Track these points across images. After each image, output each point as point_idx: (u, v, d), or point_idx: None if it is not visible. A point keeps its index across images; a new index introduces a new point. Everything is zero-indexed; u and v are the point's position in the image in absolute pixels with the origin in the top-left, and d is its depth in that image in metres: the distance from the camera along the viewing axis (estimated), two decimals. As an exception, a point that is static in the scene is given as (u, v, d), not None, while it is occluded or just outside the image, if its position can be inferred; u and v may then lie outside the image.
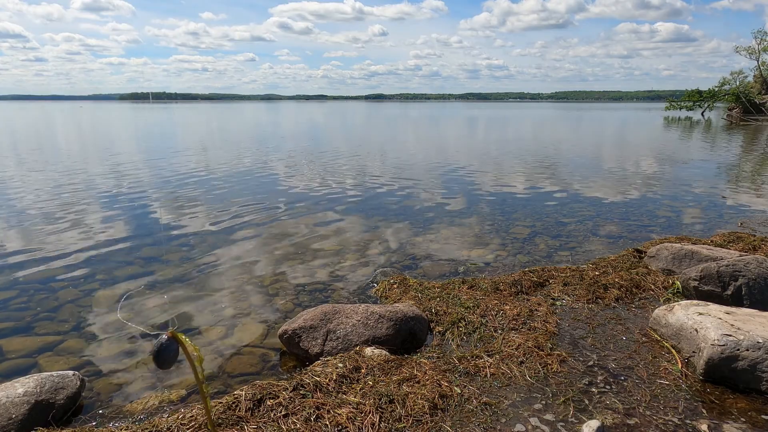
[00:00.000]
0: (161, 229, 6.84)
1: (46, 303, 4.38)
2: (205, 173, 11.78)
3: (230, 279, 4.98)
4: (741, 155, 16.67)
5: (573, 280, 4.48)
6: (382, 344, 3.33)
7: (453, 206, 8.34)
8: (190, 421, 2.44)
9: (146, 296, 4.54)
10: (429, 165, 13.63)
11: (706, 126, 33.90)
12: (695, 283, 4.01)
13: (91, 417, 2.81)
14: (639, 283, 4.42)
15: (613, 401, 2.71)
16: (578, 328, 3.61)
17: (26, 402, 2.65)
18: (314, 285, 4.83)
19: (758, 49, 46.87)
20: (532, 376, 2.95)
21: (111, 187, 9.85)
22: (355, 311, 3.55)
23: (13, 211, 7.77)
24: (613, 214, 7.80)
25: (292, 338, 3.43)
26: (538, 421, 2.55)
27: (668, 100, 56.75)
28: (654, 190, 9.82)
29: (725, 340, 2.87)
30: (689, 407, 2.67)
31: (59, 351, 3.58)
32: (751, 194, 9.49)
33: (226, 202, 8.60)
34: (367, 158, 15.24)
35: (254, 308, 4.30)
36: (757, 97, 44.30)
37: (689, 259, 4.62)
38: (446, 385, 2.82)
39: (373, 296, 4.50)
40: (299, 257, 5.65)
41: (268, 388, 2.70)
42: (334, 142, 21.86)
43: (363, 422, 2.46)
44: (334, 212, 7.91)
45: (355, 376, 2.91)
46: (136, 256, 5.65)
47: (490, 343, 3.36)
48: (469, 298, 4.06)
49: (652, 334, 3.49)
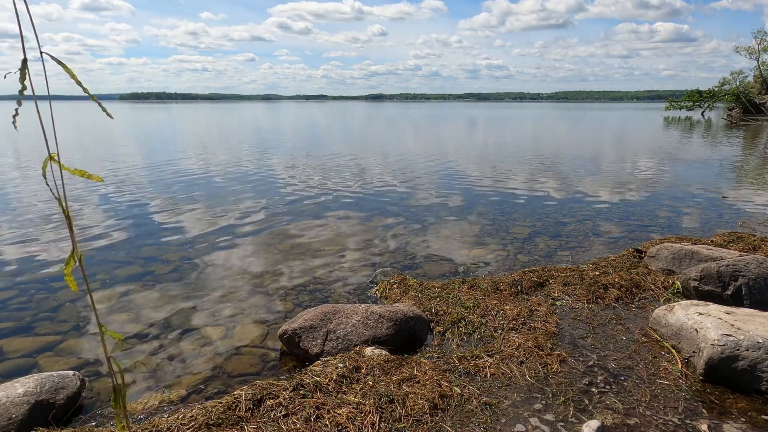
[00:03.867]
0: (161, 228, 6.84)
1: (46, 303, 4.38)
2: (205, 173, 11.78)
3: (230, 279, 4.98)
4: (741, 155, 16.67)
5: (573, 280, 4.48)
6: (382, 344, 3.33)
7: (453, 206, 8.34)
8: (190, 421, 2.44)
9: (146, 296, 4.54)
10: (429, 165, 13.63)
11: (706, 126, 33.90)
12: (695, 283, 4.01)
13: (91, 417, 2.81)
14: (639, 283, 4.42)
15: (613, 401, 2.71)
16: (578, 328, 3.61)
17: (26, 402, 2.65)
18: (314, 285, 4.83)
19: (758, 49, 46.91)
20: (532, 376, 2.95)
21: (111, 187, 9.85)
22: (355, 311, 3.55)
23: (14, 211, 7.77)
24: (613, 214, 7.80)
25: (292, 338, 3.43)
26: (538, 421, 2.55)
27: (668, 100, 56.73)
28: (654, 190, 9.82)
29: (725, 340, 2.87)
30: (689, 407, 2.67)
31: (59, 351, 3.58)
32: (752, 194, 9.49)
33: (226, 201, 8.61)
34: (367, 158, 15.24)
35: (254, 308, 4.30)
36: (757, 97, 44.29)
37: (689, 259, 4.62)
38: (446, 385, 2.82)
39: (373, 296, 4.50)
40: (299, 257, 5.65)
41: (268, 388, 2.70)
42: (335, 142, 21.86)
43: (363, 422, 2.46)
44: (334, 212, 7.91)
45: (355, 376, 2.91)
46: (135, 256, 5.65)
47: (490, 343, 3.36)
48: (469, 298, 4.06)
49: (652, 334, 3.49)
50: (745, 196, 9.33)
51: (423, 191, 9.71)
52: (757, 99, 43.99)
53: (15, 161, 14.03)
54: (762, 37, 46.63)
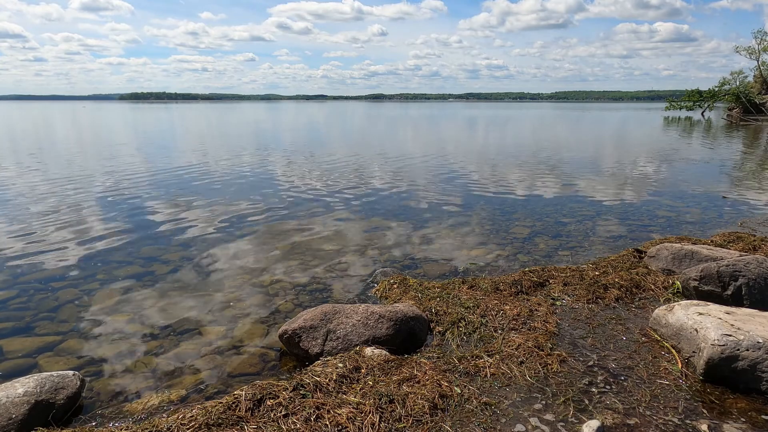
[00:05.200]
0: (161, 228, 6.84)
1: (46, 303, 4.38)
2: (205, 173, 11.78)
3: (230, 279, 4.98)
4: (741, 155, 16.67)
5: (573, 280, 4.48)
6: (382, 344, 3.33)
7: (453, 206, 8.34)
8: (190, 421, 2.44)
9: (146, 296, 4.54)
10: (429, 165, 13.63)
11: (706, 126, 33.90)
12: (695, 283, 4.01)
13: (91, 417, 2.81)
14: (639, 283, 4.42)
15: (613, 401, 2.71)
16: (578, 328, 3.61)
17: (26, 402, 2.65)
18: (314, 285, 4.83)
19: (758, 49, 46.86)
20: (532, 376, 2.95)
21: (111, 187, 9.85)
22: (355, 311, 3.55)
23: (14, 211, 7.77)
24: (613, 214, 7.80)
25: (292, 338, 3.43)
26: (538, 421, 2.55)
27: (668, 100, 56.73)
28: (654, 190, 9.82)
29: (725, 340, 2.87)
30: (689, 407, 2.67)
31: (59, 351, 3.58)
32: (752, 194, 9.49)
33: (227, 201, 8.61)
34: (367, 158, 15.23)
35: (254, 308, 4.30)
36: (757, 97, 44.27)
37: (689, 259, 4.62)
38: (446, 385, 2.82)
39: (373, 296, 4.50)
40: (299, 257, 5.65)
41: (268, 388, 2.70)
42: (335, 142, 21.86)
43: (363, 422, 2.46)
44: (334, 212, 7.91)
45: (355, 376, 2.91)
46: (135, 256, 5.65)
47: (490, 343, 3.36)
48: (469, 298, 4.06)
49: (652, 334, 3.49)
50: (745, 196, 9.33)
51: (423, 191, 9.71)
52: (757, 99, 43.97)
53: (15, 161, 14.03)
54: (762, 37, 46.63)
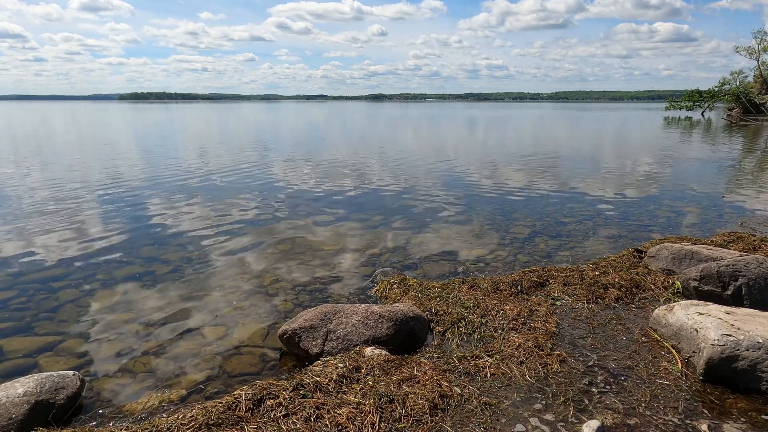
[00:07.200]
0: (161, 228, 6.84)
1: (46, 303, 4.38)
2: (205, 172, 11.78)
3: (230, 279, 4.98)
4: (741, 155, 16.67)
5: (573, 280, 4.48)
6: (382, 344, 3.33)
7: (453, 206, 8.34)
8: (190, 421, 2.44)
9: (146, 296, 4.54)
10: (429, 165, 13.63)
11: (706, 126, 33.90)
12: (695, 283, 4.01)
13: (91, 417, 2.81)
14: (639, 283, 4.42)
15: (613, 401, 2.71)
16: (578, 328, 3.61)
17: (26, 402, 2.65)
18: (314, 285, 4.83)
19: (758, 49, 46.84)
20: (532, 376, 2.95)
21: (111, 187, 9.85)
22: (355, 311, 3.55)
23: (14, 211, 7.77)
24: (613, 214, 7.80)
25: (292, 338, 3.43)
26: (538, 421, 2.55)
27: (668, 100, 56.70)
28: (654, 190, 9.82)
29: (725, 340, 2.87)
30: (689, 407, 2.67)
31: (59, 351, 3.58)
32: (752, 194, 9.49)
33: (226, 201, 8.60)
34: (367, 158, 15.24)
35: (254, 308, 4.30)
36: (757, 97, 44.26)
37: (689, 259, 4.62)
38: (446, 385, 2.82)
39: (373, 296, 4.50)
40: (299, 257, 5.65)
41: (268, 388, 2.70)
42: (335, 141, 21.85)
43: (363, 422, 2.46)
44: (334, 212, 7.91)
45: (355, 376, 2.91)
46: (135, 256, 5.65)
47: (490, 343, 3.36)
48: (469, 298, 4.06)
49: (652, 334, 3.49)
50: (745, 196, 9.33)
51: (423, 191, 9.71)
52: (757, 99, 43.97)
53: (15, 161, 14.02)
54: (762, 37, 46.62)
